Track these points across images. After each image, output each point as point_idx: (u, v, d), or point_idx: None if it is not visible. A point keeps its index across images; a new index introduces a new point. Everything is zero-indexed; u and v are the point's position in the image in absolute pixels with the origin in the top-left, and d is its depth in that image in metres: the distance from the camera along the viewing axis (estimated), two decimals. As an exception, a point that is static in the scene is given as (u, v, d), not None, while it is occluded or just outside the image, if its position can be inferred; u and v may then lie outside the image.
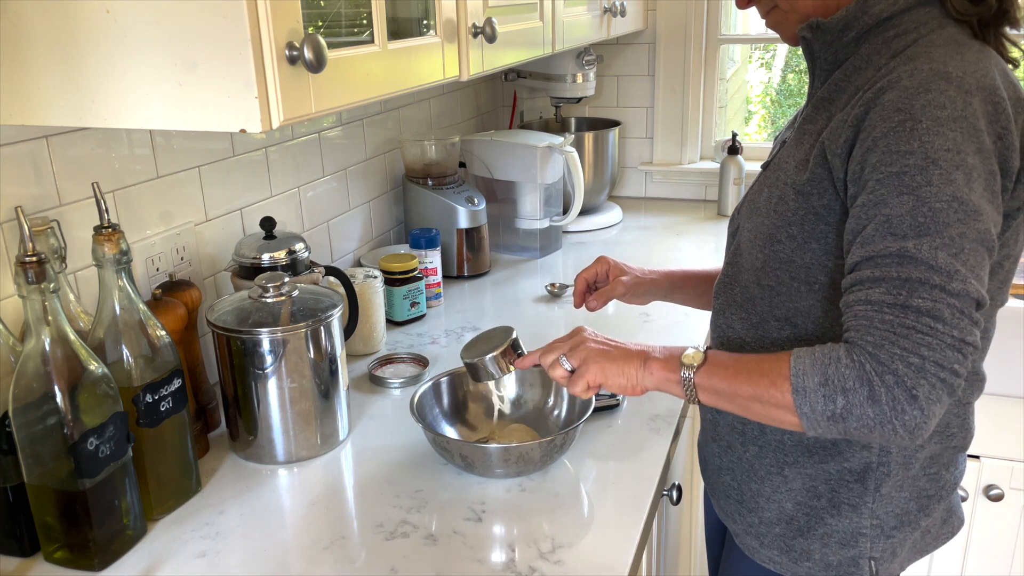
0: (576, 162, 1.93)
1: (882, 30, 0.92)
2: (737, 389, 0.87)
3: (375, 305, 1.47)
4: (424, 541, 0.99)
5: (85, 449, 0.90)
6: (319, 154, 1.63)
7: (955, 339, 0.77)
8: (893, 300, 0.78)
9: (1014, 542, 1.96)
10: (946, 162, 0.79)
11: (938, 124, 0.79)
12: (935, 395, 0.77)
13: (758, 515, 1.04)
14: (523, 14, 1.48)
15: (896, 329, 0.78)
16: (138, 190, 1.22)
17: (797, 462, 0.99)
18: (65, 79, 0.86)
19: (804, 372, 0.82)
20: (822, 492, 0.99)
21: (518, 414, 1.25)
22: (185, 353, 1.15)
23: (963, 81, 0.81)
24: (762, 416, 0.87)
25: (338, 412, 1.19)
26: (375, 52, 1.00)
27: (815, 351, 0.83)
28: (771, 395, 0.84)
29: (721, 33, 2.38)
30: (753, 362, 0.87)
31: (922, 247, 0.78)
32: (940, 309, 0.77)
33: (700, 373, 0.90)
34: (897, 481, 0.97)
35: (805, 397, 0.81)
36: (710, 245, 2.08)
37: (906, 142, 0.80)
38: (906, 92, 0.82)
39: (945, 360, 0.77)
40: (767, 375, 0.85)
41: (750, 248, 0.99)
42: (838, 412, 0.80)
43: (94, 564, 0.95)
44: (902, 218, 0.79)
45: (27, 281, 0.87)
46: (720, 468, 1.09)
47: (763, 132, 3.90)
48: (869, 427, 0.79)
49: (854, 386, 0.78)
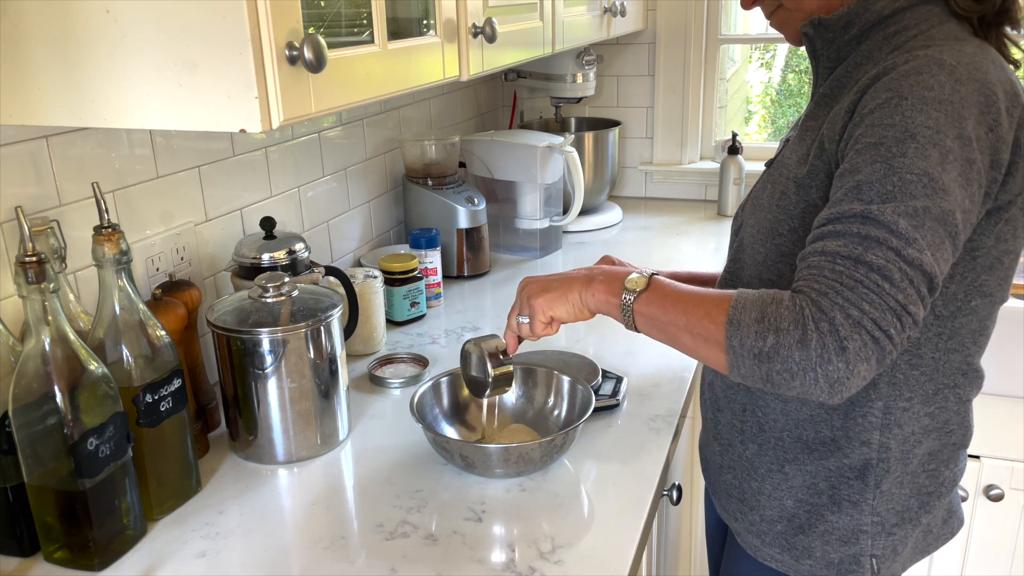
0: (576, 162, 1.93)
1: (883, 27, 0.93)
2: (673, 318, 0.87)
3: (375, 305, 1.47)
4: (424, 541, 0.99)
5: (85, 449, 0.90)
6: (319, 154, 1.63)
7: (898, 303, 0.76)
8: (848, 252, 0.78)
9: (1014, 542, 1.97)
10: (924, 138, 0.79)
11: (923, 103, 0.81)
12: (864, 353, 0.76)
13: (759, 513, 1.04)
14: (523, 14, 1.48)
15: (843, 280, 0.77)
16: (138, 190, 1.22)
17: (797, 459, 0.99)
18: (65, 79, 0.86)
19: (743, 306, 0.81)
20: (822, 489, 0.99)
21: (518, 414, 1.25)
22: (185, 353, 1.15)
23: (956, 70, 0.83)
24: (691, 349, 0.86)
25: (338, 412, 1.20)
26: (375, 52, 1.00)
27: (760, 291, 0.82)
28: (704, 327, 0.83)
29: (721, 33, 2.38)
30: (697, 294, 0.87)
31: (885, 211, 0.78)
32: (891, 270, 0.76)
33: (640, 299, 0.90)
34: (897, 477, 0.97)
35: (738, 329, 0.80)
36: (710, 245, 2.08)
37: (888, 116, 0.82)
38: (899, 74, 0.84)
39: (883, 321, 0.76)
40: (704, 305, 0.84)
41: (752, 243, 1.00)
42: (766, 350, 0.78)
43: (94, 564, 0.95)
44: (871, 184, 0.80)
45: (27, 281, 0.87)
46: (721, 467, 1.10)
47: (763, 132, 3.90)
48: (792, 372, 0.77)
49: (788, 327, 0.77)
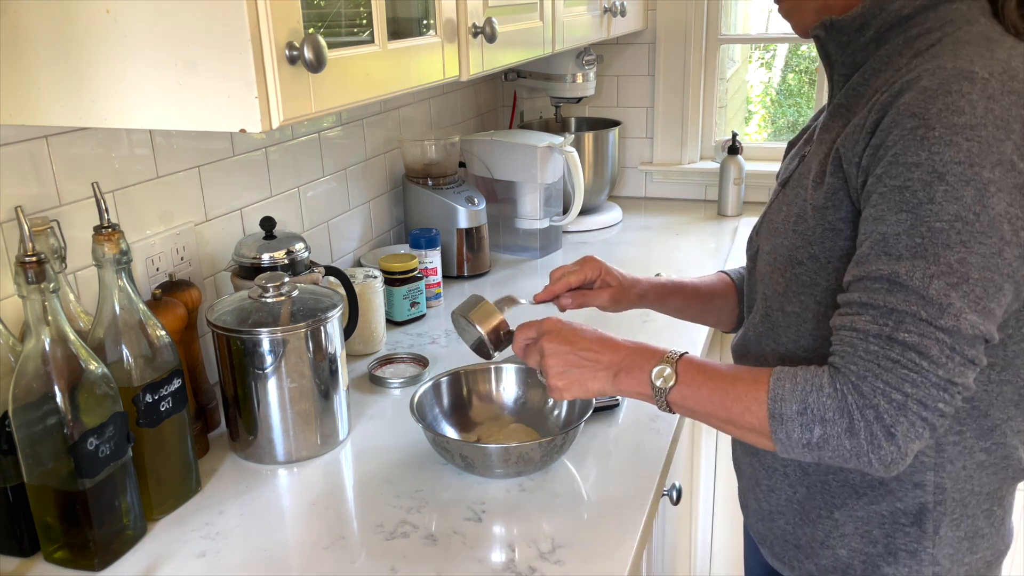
0: (576, 162, 1.93)
1: (903, 29, 0.83)
2: (712, 410, 0.85)
3: (375, 305, 1.47)
4: (424, 541, 0.99)
5: (85, 449, 0.90)
6: (319, 154, 1.63)
7: (941, 378, 0.73)
8: (879, 331, 0.74)
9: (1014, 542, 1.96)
10: (954, 176, 0.72)
11: (952, 132, 0.72)
12: (914, 432, 0.74)
13: (815, 562, 0.96)
14: (523, 14, 1.48)
15: (880, 361, 0.74)
16: (138, 190, 1.22)
17: (845, 504, 0.92)
18: (65, 79, 0.86)
19: (782, 398, 0.79)
20: (877, 537, 0.91)
21: (518, 414, 1.25)
22: (185, 353, 1.15)
23: (988, 83, 0.73)
24: (737, 436, 0.85)
25: (338, 412, 1.19)
26: (375, 52, 1.00)
27: (797, 374, 0.79)
28: (747, 421, 0.81)
29: (721, 33, 2.38)
30: (728, 382, 0.83)
31: (914, 274, 0.73)
32: (927, 345, 0.73)
33: (673, 393, 0.87)
34: (955, 520, 0.89)
35: (782, 425, 0.79)
36: (710, 245, 2.08)
37: (914, 153, 0.73)
38: (924, 94, 0.74)
39: (929, 399, 0.73)
40: (741, 399, 0.82)
41: (771, 272, 0.93)
42: (814, 442, 0.77)
43: (94, 564, 0.95)
44: (898, 237, 0.74)
45: (27, 281, 0.87)
46: (771, 513, 1.00)
47: (763, 132, 3.90)
48: (845, 458, 0.77)
49: (833, 417, 0.76)
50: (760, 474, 1.00)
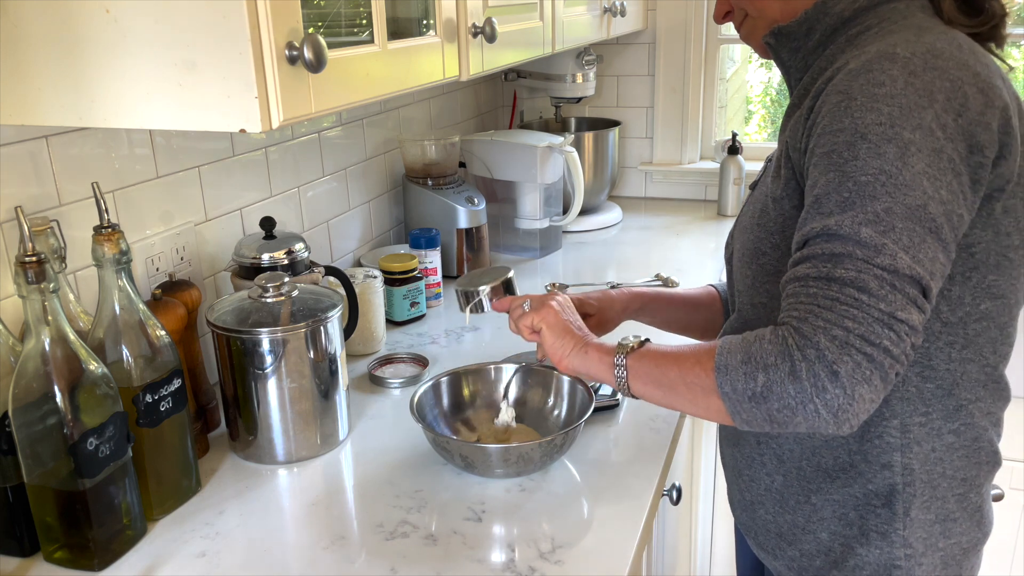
0: (576, 162, 1.93)
1: (846, 29, 0.89)
2: (665, 371, 0.86)
3: (375, 305, 1.47)
4: (424, 541, 0.99)
5: (85, 449, 0.90)
6: (319, 154, 1.63)
7: (883, 312, 0.72)
8: (818, 273, 0.76)
9: (1014, 542, 1.97)
10: (876, 135, 0.75)
11: (872, 100, 0.76)
12: (860, 374, 0.72)
13: (798, 548, 0.98)
14: (523, 14, 1.48)
15: (820, 301, 0.74)
16: (138, 190, 1.22)
17: (821, 488, 0.94)
18: (65, 79, 0.86)
19: (728, 350, 0.79)
20: (852, 520, 0.92)
21: (518, 414, 1.24)
22: (185, 353, 1.15)
23: (909, 61, 0.78)
24: (689, 402, 0.85)
25: (338, 412, 1.19)
26: (375, 52, 1.00)
27: (745, 333, 0.81)
28: (695, 374, 0.82)
29: (721, 33, 2.38)
30: (688, 346, 0.87)
31: (844, 222, 0.75)
32: (865, 280, 0.73)
33: (633, 355, 0.90)
34: (925, 502, 0.90)
35: (727, 375, 0.78)
36: (710, 245, 2.08)
37: (838, 120, 0.78)
38: (848, 75, 0.80)
39: (872, 335, 0.72)
40: (695, 354, 0.83)
41: (741, 267, 0.97)
42: (759, 391, 0.76)
43: (94, 564, 0.95)
44: (828, 196, 0.77)
45: (27, 281, 0.87)
46: (752, 503, 1.03)
47: (763, 132, 3.90)
48: (791, 407, 0.75)
49: (775, 362, 0.75)
50: (740, 464, 1.03)
